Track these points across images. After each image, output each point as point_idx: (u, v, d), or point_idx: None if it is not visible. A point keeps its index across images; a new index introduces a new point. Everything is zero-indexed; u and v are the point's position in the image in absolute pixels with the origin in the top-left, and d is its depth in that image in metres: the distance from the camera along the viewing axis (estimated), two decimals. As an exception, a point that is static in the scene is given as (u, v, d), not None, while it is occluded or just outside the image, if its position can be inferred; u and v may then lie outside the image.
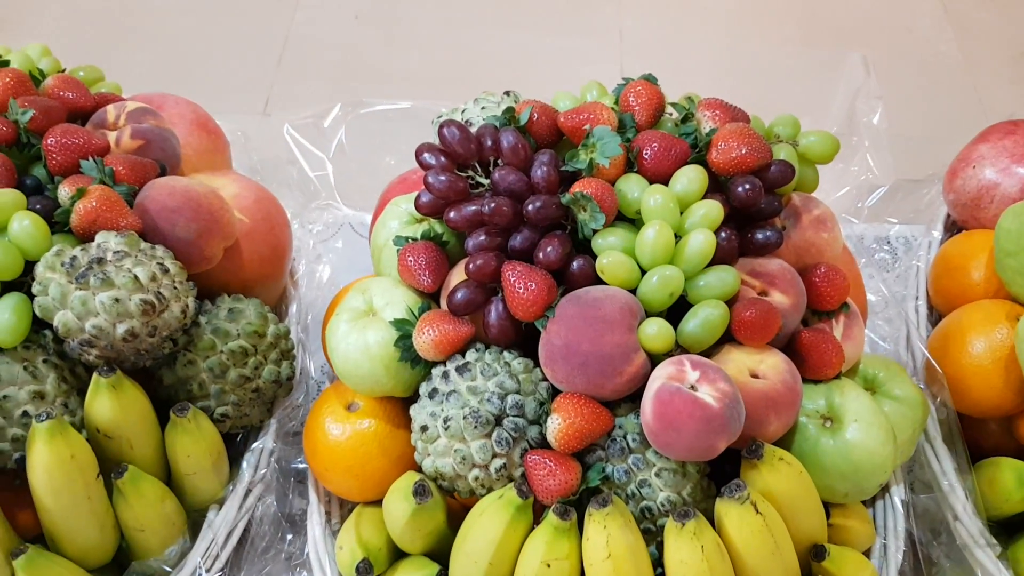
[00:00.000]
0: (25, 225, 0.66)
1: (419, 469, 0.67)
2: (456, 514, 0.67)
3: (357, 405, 0.71)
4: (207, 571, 0.71)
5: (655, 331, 0.60)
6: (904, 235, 1.02)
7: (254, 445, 0.77)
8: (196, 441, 0.70)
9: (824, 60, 1.72)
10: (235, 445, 0.77)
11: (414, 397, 0.69)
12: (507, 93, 0.81)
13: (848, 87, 1.12)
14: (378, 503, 0.70)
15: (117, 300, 0.64)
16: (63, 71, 0.84)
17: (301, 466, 0.83)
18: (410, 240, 0.70)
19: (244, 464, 0.76)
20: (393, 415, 0.71)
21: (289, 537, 0.79)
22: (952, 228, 0.89)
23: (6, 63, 0.81)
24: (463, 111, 0.80)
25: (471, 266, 0.65)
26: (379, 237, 0.74)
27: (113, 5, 1.81)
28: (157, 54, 1.71)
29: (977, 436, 0.77)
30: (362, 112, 1.07)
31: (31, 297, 0.66)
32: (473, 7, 1.85)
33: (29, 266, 0.67)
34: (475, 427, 0.61)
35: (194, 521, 0.74)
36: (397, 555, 0.69)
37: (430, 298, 0.70)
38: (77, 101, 0.79)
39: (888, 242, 1.02)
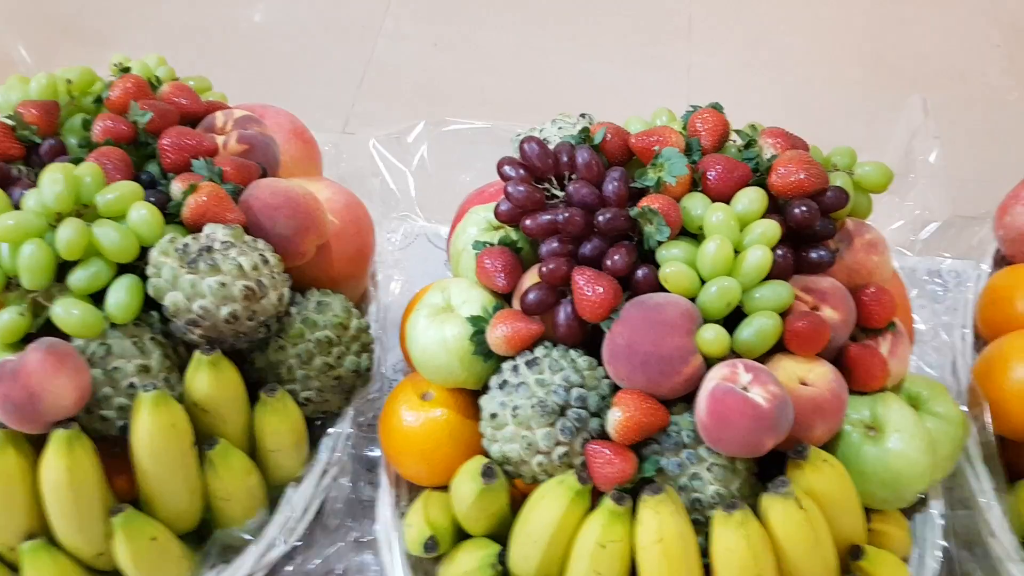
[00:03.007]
0: (143, 214, 0.73)
1: (485, 455, 0.72)
2: (517, 503, 0.72)
3: (431, 395, 0.77)
4: (283, 543, 0.77)
5: (712, 336, 0.65)
6: (955, 269, 1.05)
7: (332, 430, 0.83)
8: (282, 420, 0.77)
9: (885, 102, 1.76)
10: (314, 429, 0.83)
11: (482, 391, 0.74)
12: (583, 115, 0.87)
13: (907, 127, 1.16)
14: (445, 488, 0.76)
15: (223, 284, 0.71)
16: (177, 79, 0.92)
17: (372, 455, 0.89)
18: (488, 245, 0.76)
19: (322, 446, 0.82)
20: (463, 406, 0.76)
21: (358, 520, 0.85)
22: (1001, 262, 0.92)
23: (127, 70, 0.89)
24: (541, 130, 0.86)
25: (544, 269, 0.70)
26: (458, 242, 0.80)
27: (209, 24, 1.92)
28: (246, 71, 1.81)
29: (1017, 459, 0.80)
30: (444, 130, 1.13)
31: (143, 279, 0.73)
32: (547, 37, 1.93)
33: (143, 252, 0.74)
34: (541, 416, 0.66)
35: (273, 497, 0.80)
36: (461, 536, 0.74)
37: (503, 299, 0.76)
38: (189, 107, 0.87)
39: (940, 275, 1.05)
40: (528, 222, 0.73)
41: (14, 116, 0.81)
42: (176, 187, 0.78)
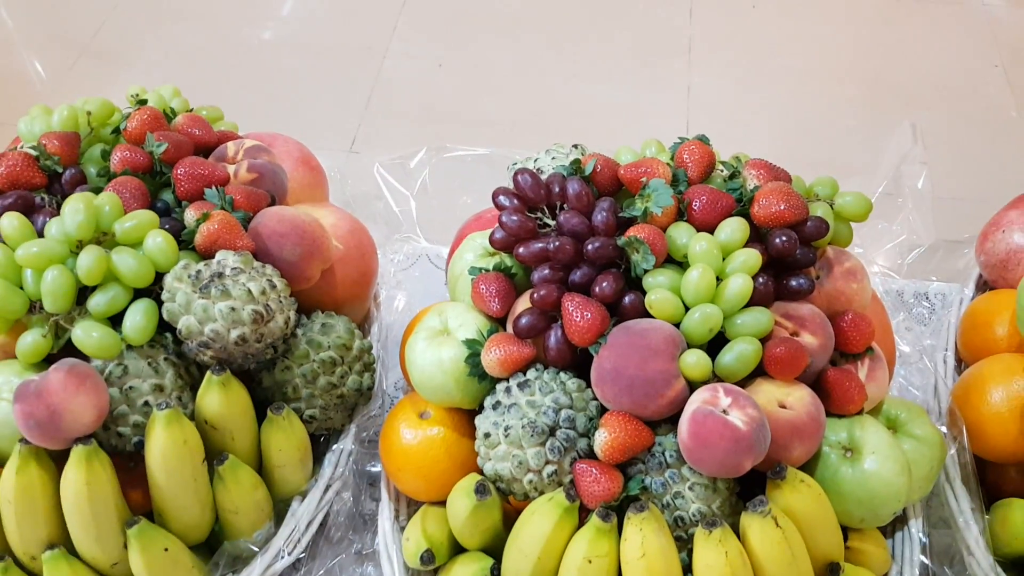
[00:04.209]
0: (158, 242, 0.77)
1: (480, 472, 0.76)
2: (510, 518, 0.75)
3: (428, 414, 0.81)
4: (288, 554, 0.81)
5: (694, 361, 0.68)
6: (942, 291, 1.08)
7: (335, 446, 0.87)
8: (288, 437, 0.80)
9: (883, 121, 1.79)
10: (318, 445, 0.87)
11: (478, 410, 0.78)
12: (575, 146, 0.90)
13: (897, 151, 1.20)
14: (442, 503, 0.79)
15: (233, 309, 0.75)
16: (191, 110, 0.96)
17: (373, 470, 0.93)
18: (483, 271, 0.80)
19: (326, 462, 0.86)
20: (459, 424, 0.80)
21: (360, 532, 0.89)
22: (983, 287, 0.95)
23: (144, 101, 0.93)
24: (535, 160, 0.89)
25: (536, 296, 0.74)
26: (456, 267, 0.84)
27: (215, 45, 1.97)
28: (256, 90, 1.85)
29: (998, 481, 0.83)
30: (445, 156, 1.17)
31: (158, 303, 0.78)
32: (549, 59, 1.97)
33: (158, 277, 0.78)
34: (532, 436, 0.70)
35: (279, 510, 0.84)
36: (456, 549, 0.78)
37: (498, 322, 0.80)
38: (202, 137, 0.91)
39: (927, 298, 1.09)
40: (521, 250, 0.77)
41: (38, 147, 0.85)
42: (190, 215, 0.82)
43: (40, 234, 0.78)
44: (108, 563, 0.75)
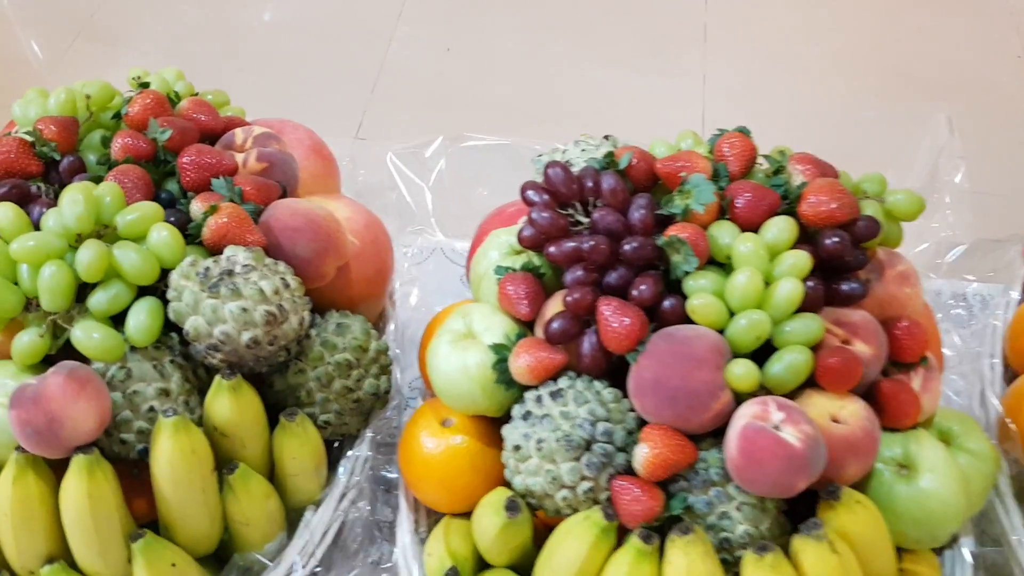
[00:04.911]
0: (164, 236, 0.72)
1: (507, 485, 0.71)
2: (538, 532, 0.71)
3: (451, 421, 0.76)
4: (303, 567, 0.76)
5: (742, 372, 0.64)
6: (981, 293, 1.04)
7: (350, 452, 0.82)
8: (302, 445, 0.76)
9: (904, 113, 1.74)
10: (331, 451, 0.82)
11: (504, 419, 0.73)
12: (606, 137, 0.85)
13: (931, 145, 1.15)
14: (465, 515, 0.75)
15: (244, 310, 0.70)
16: (195, 95, 0.91)
17: (388, 475, 0.88)
18: (510, 270, 0.75)
19: (341, 469, 0.81)
20: (484, 433, 0.75)
21: (376, 542, 0.84)
22: (1032, 289, 0.91)
23: (146, 84, 0.88)
24: (563, 152, 0.84)
25: (569, 299, 0.69)
26: (479, 266, 0.79)
27: (215, 27, 1.91)
28: (256, 74, 1.80)
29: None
30: (462, 145, 1.12)
31: (163, 302, 0.73)
32: (560, 43, 1.91)
33: (163, 274, 0.73)
34: (567, 450, 0.65)
35: (291, 520, 0.79)
36: (481, 566, 0.73)
37: (525, 326, 0.75)
38: (208, 123, 0.86)
39: (965, 299, 1.04)
40: (552, 249, 0.72)
41: (33, 132, 0.80)
42: (196, 207, 0.77)
43: (36, 226, 0.73)
44: (111, 579, 0.71)
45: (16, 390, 0.67)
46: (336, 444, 0.84)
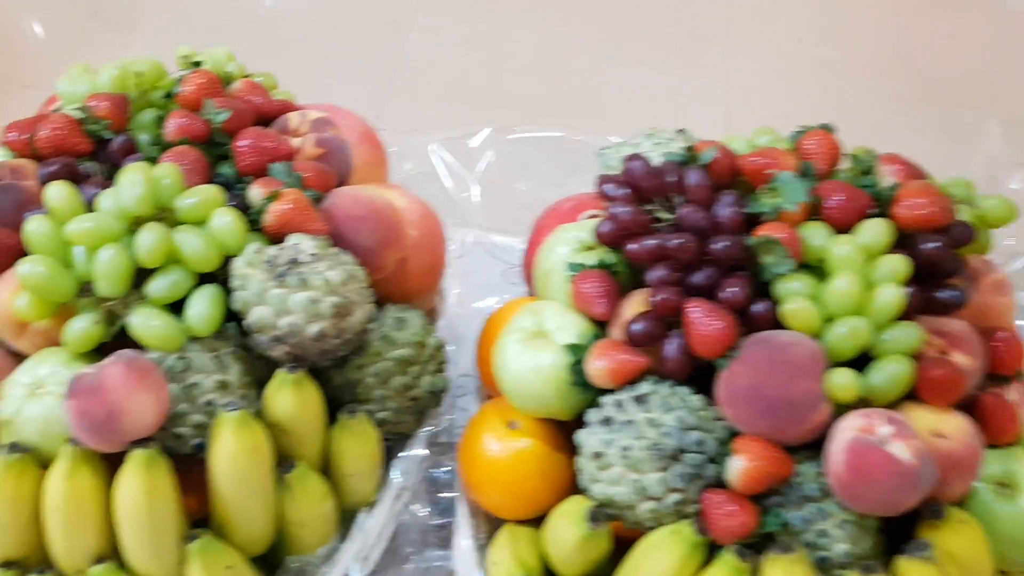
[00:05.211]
0: (227, 221, 0.69)
1: (577, 492, 0.68)
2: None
3: (517, 424, 0.73)
4: (358, 572, 0.73)
5: (844, 382, 0.61)
6: (1045, 303, 1.01)
7: (404, 453, 0.79)
8: (363, 444, 0.72)
9: (931, 120, 1.71)
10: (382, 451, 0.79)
11: (574, 423, 0.70)
12: (680, 131, 0.82)
13: (987, 153, 1.13)
14: (528, 522, 0.72)
15: (313, 301, 0.67)
16: (247, 76, 0.87)
17: (438, 476, 0.85)
18: (584, 267, 0.72)
19: (395, 470, 0.78)
20: (551, 437, 0.72)
21: (428, 546, 0.81)
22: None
23: (198, 63, 0.84)
24: (635, 145, 0.81)
25: (655, 299, 0.66)
26: (546, 261, 0.76)
27: (230, 12, 1.86)
28: (271, 64, 1.75)
29: None
30: (509, 137, 1.09)
31: (224, 290, 0.69)
32: (579, 36, 1.88)
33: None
34: (656, 459, 0.62)
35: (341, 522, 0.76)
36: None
37: (598, 325, 0.72)
38: (263, 106, 0.83)
39: (1028, 309, 1.01)
40: (633, 246, 0.69)
41: (84, 109, 0.76)
42: (256, 192, 0.73)
43: (89, 207, 0.70)
44: (162, 580, 0.67)
45: (73, 379, 0.63)
46: (387, 444, 0.81)
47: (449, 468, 0.85)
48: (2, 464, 0.64)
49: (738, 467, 0.61)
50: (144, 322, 0.66)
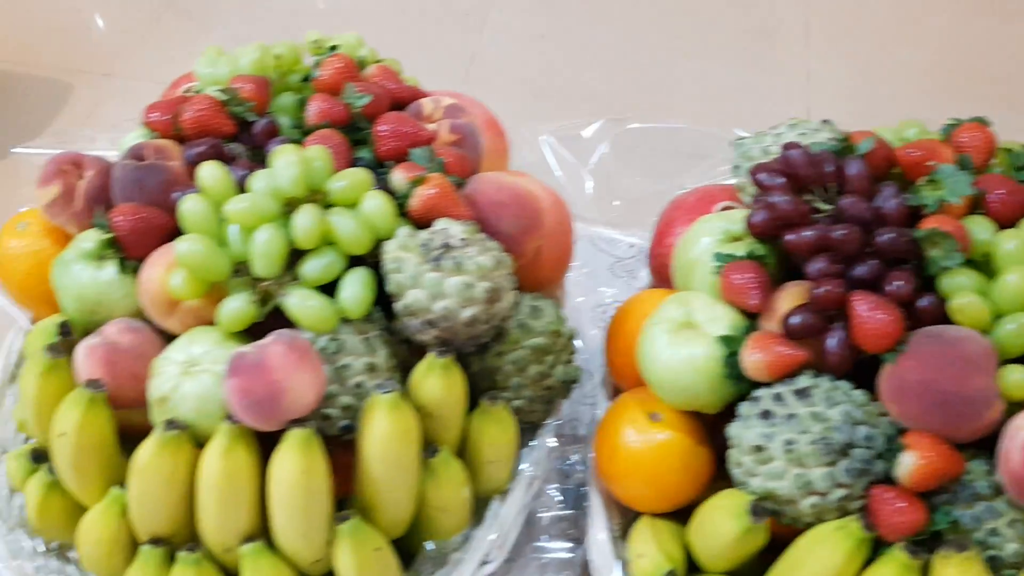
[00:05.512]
0: (378, 204, 0.69)
1: (713, 486, 0.67)
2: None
3: (659, 416, 0.72)
4: (495, 559, 0.73)
5: (1020, 378, 0.59)
6: None
7: (534, 442, 0.78)
8: (504, 431, 0.72)
9: (1020, 124, 1.68)
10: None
11: (719, 417, 0.69)
12: (825, 121, 0.81)
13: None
14: (667, 516, 0.71)
15: (468, 285, 0.66)
16: (379, 61, 0.87)
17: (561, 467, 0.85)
18: (733, 258, 0.71)
19: (526, 459, 0.77)
20: (694, 430, 0.71)
21: (554, 537, 0.81)
22: None
23: (334, 48, 0.84)
24: (778, 134, 0.80)
25: (818, 291, 0.65)
26: (688, 252, 0.75)
27: (304, 6, 1.87)
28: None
29: None
30: (627, 128, 1.08)
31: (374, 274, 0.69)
32: (655, 34, 1.86)
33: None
34: (824, 454, 0.61)
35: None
36: (691, 569, 0.69)
37: (749, 317, 0.71)
38: (397, 92, 0.83)
39: None
40: (792, 236, 0.68)
41: (228, 91, 0.77)
42: (399, 177, 0.73)
43: (240, 188, 0.70)
44: (310, 560, 0.67)
45: (234, 357, 0.63)
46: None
47: (572, 460, 0.85)
48: (160, 440, 0.64)
49: (910, 463, 0.60)
50: (301, 302, 0.66)
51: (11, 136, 1.42)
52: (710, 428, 0.72)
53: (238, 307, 0.66)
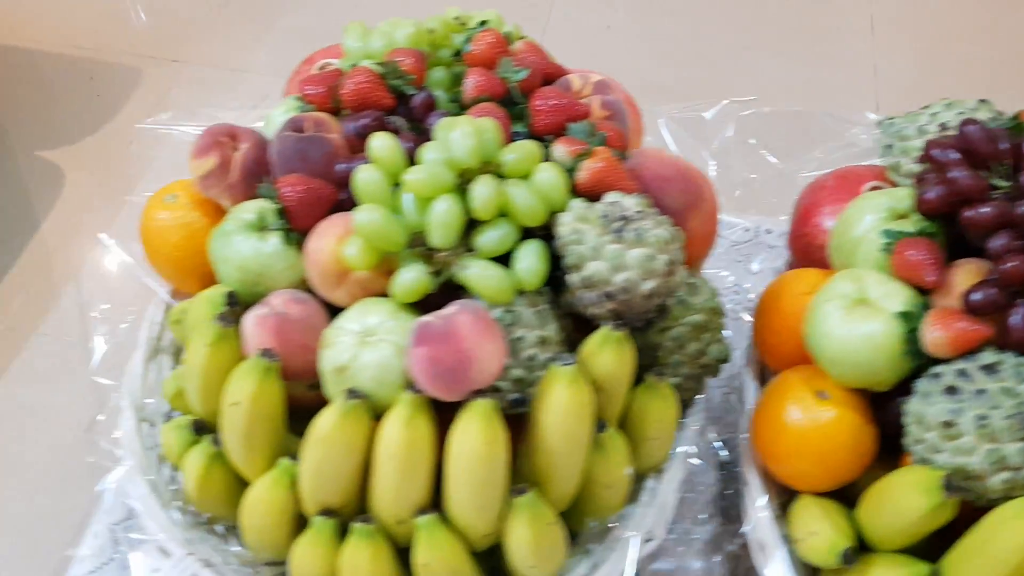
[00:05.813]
0: (552, 176, 0.68)
1: (876, 464, 0.66)
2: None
3: (826, 394, 0.71)
4: (657, 537, 0.72)
5: None
6: None
7: (686, 420, 0.78)
8: (668, 407, 0.71)
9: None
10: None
11: (887, 394, 0.69)
12: (982, 101, 0.80)
13: None
14: (829, 494, 0.71)
15: (649, 257, 0.66)
16: (523, 38, 0.87)
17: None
18: (904, 235, 0.70)
19: (680, 437, 0.77)
20: (861, 408, 0.71)
21: (694, 519, 0.80)
22: None
23: (484, 23, 0.84)
24: (933, 114, 0.79)
25: (1004, 267, 0.64)
26: (852, 229, 0.74)
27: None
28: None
29: None
30: (743, 113, 1.08)
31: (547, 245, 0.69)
32: (719, 27, 1.84)
33: (541, 217, 0.69)
34: (1020, 429, 0.60)
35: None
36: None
37: (922, 293, 0.70)
38: (547, 67, 0.82)
39: None
40: (970, 212, 0.67)
41: (388, 64, 0.76)
42: (560, 151, 0.73)
43: (410, 159, 0.69)
44: (481, 533, 0.67)
45: (420, 326, 0.63)
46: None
47: (719, 439, 0.84)
48: (342, 409, 0.64)
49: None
50: (481, 273, 0.66)
51: (86, 121, 1.43)
52: (873, 406, 0.72)
53: (414, 277, 0.66)
